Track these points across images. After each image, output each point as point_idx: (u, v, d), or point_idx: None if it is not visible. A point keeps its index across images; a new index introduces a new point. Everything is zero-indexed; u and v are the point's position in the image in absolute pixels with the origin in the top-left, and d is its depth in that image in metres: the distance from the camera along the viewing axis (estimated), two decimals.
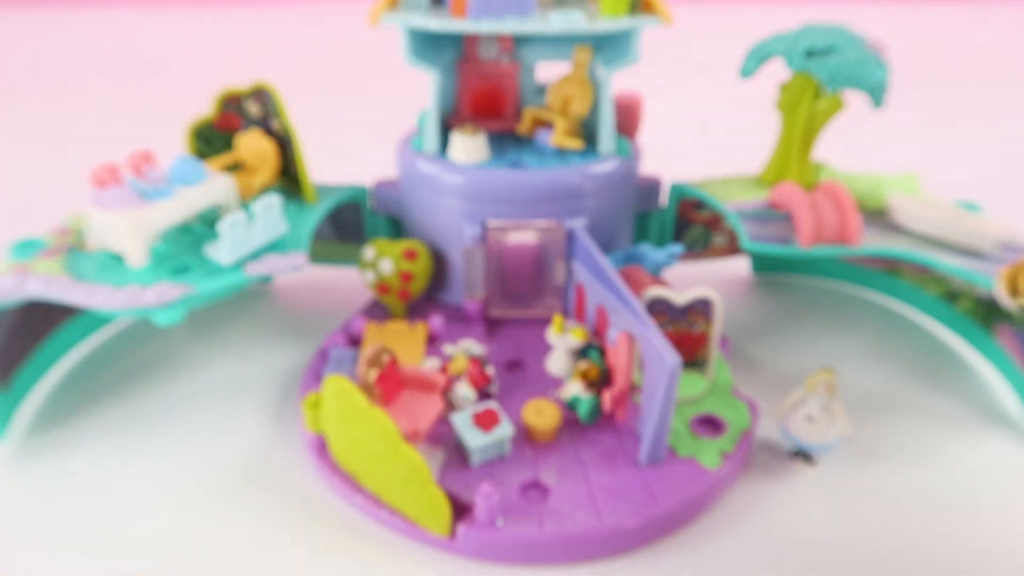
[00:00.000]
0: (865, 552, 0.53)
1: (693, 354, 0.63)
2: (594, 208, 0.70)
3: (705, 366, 0.63)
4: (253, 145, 0.71)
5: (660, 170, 0.80)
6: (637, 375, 0.59)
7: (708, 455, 0.56)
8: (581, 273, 0.66)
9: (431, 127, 0.71)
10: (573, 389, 0.60)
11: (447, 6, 0.67)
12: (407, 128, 0.79)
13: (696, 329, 0.63)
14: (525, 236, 0.69)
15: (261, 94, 0.70)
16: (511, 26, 0.63)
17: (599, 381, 0.60)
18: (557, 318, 0.63)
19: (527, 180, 0.67)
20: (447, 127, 0.74)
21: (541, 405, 0.59)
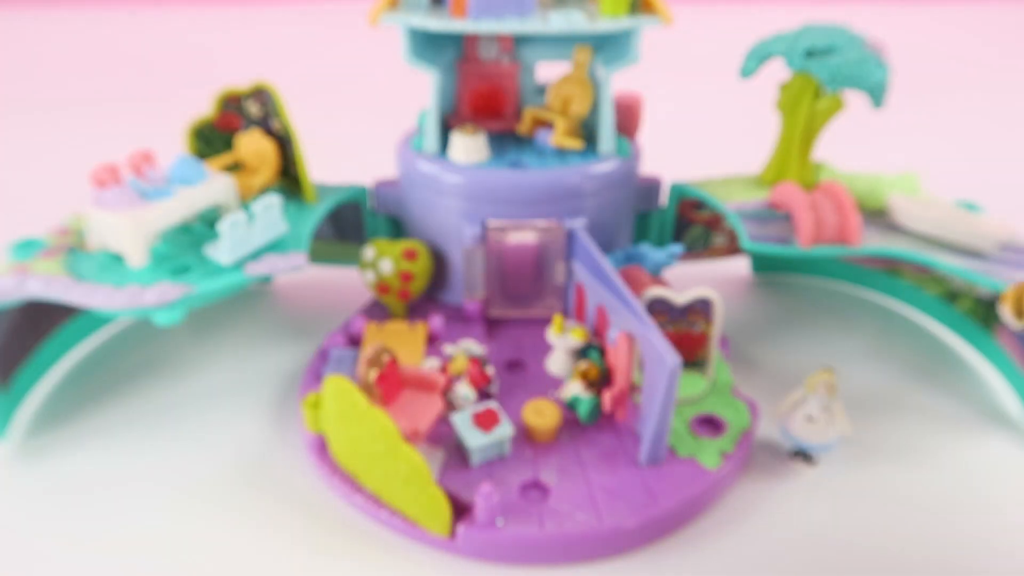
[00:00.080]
0: (865, 552, 0.53)
1: (693, 354, 0.63)
2: (594, 208, 0.70)
3: (705, 366, 0.63)
4: (253, 145, 0.71)
5: (660, 170, 0.80)
6: (637, 375, 0.59)
7: (708, 455, 0.56)
8: (581, 273, 0.66)
9: (431, 127, 0.71)
10: (573, 389, 0.60)
11: (447, 6, 0.67)
12: (407, 128, 0.79)
13: (696, 329, 0.63)
14: (525, 236, 0.69)
15: (261, 94, 0.70)
16: (511, 26, 0.63)
17: (599, 381, 0.60)
18: (557, 318, 0.63)
19: (527, 180, 0.67)
20: (447, 127, 0.74)
21: (541, 405, 0.59)
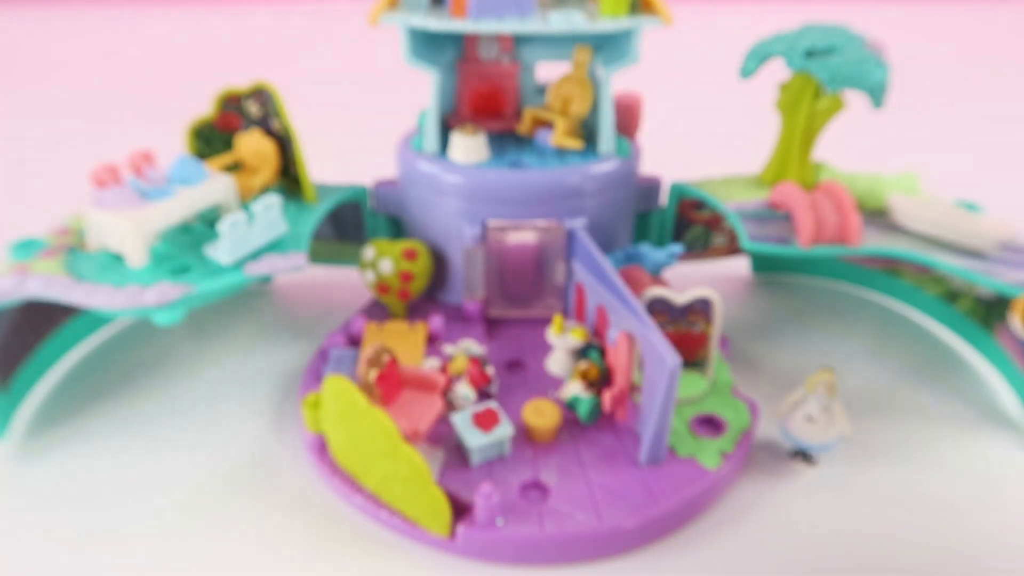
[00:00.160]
0: (865, 552, 0.53)
1: (693, 354, 0.63)
2: (594, 208, 0.70)
3: (705, 366, 0.63)
4: (253, 145, 0.71)
5: (660, 170, 0.80)
6: (637, 375, 0.59)
7: (708, 455, 0.56)
8: (581, 273, 0.66)
9: (431, 127, 0.71)
10: (573, 389, 0.60)
11: (447, 6, 0.67)
12: (407, 128, 0.79)
13: (696, 329, 0.63)
14: (525, 236, 0.69)
15: (261, 94, 0.70)
16: (511, 26, 0.63)
17: (599, 381, 0.59)
18: (557, 318, 0.63)
19: (527, 180, 0.67)
20: (447, 127, 0.74)
21: (541, 405, 0.59)
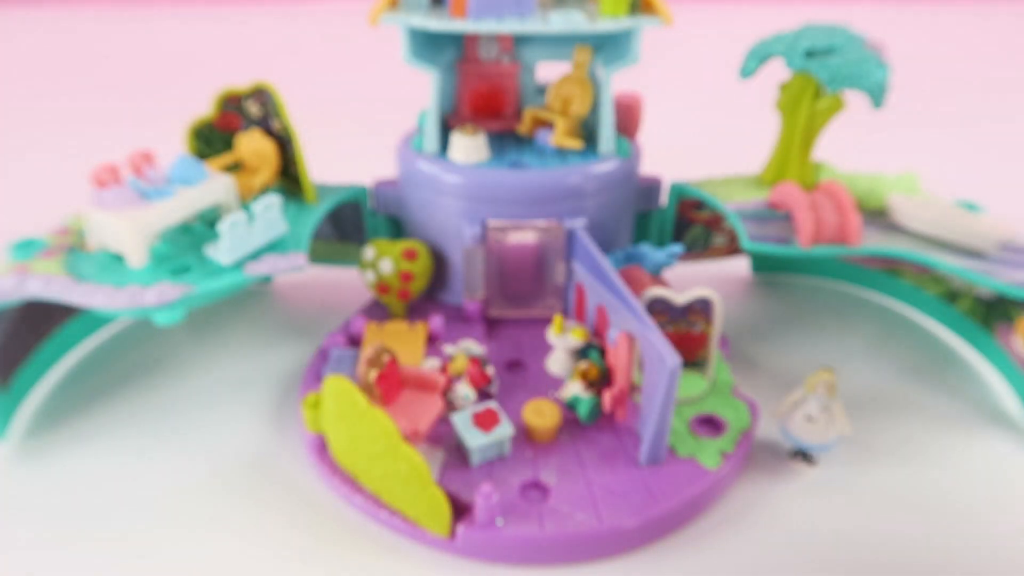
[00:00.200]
0: (865, 552, 0.53)
1: (693, 354, 0.63)
2: (594, 208, 0.70)
3: (705, 366, 0.63)
4: (253, 145, 0.71)
5: (660, 170, 0.80)
6: (637, 375, 0.59)
7: (708, 455, 0.56)
8: (581, 273, 0.66)
9: (431, 127, 0.71)
10: (573, 389, 0.60)
11: (447, 6, 0.67)
12: (407, 128, 0.79)
13: (696, 329, 0.63)
14: (525, 236, 0.69)
15: (261, 94, 0.70)
16: (511, 26, 0.63)
17: (599, 381, 0.59)
18: (557, 318, 0.63)
19: (527, 180, 0.67)
20: (447, 127, 0.74)
21: (541, 405, 0.59)
